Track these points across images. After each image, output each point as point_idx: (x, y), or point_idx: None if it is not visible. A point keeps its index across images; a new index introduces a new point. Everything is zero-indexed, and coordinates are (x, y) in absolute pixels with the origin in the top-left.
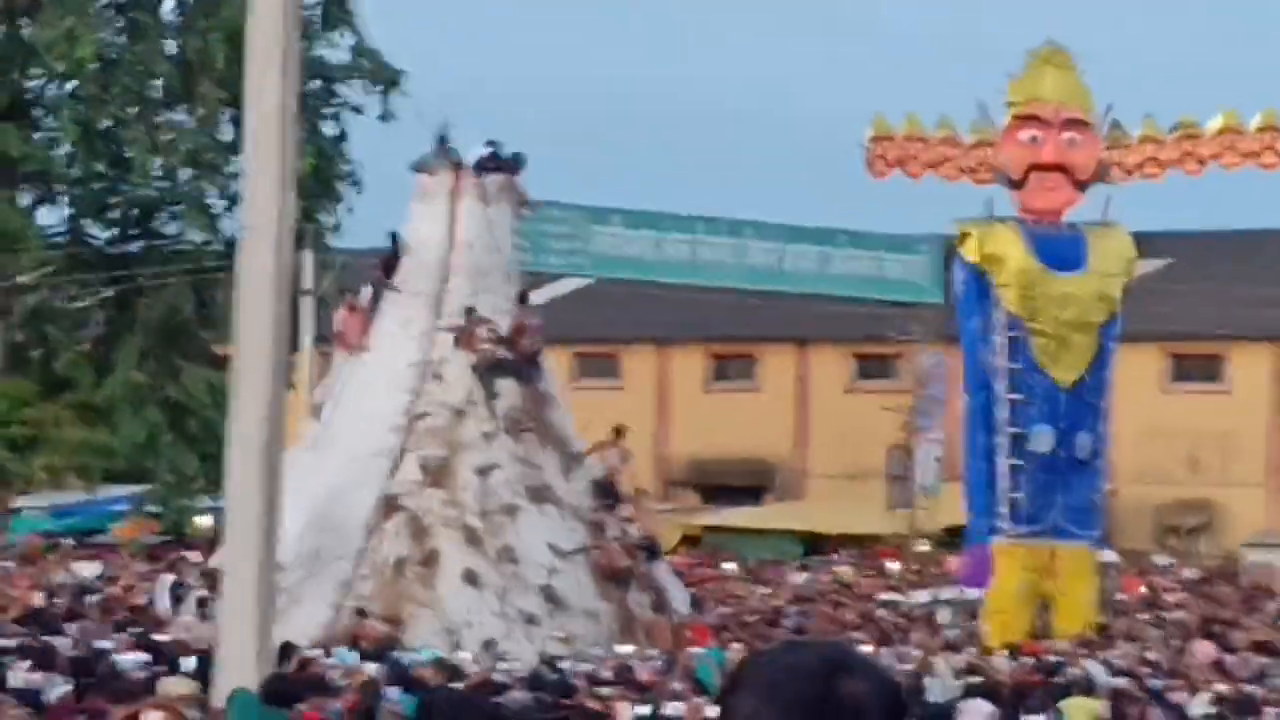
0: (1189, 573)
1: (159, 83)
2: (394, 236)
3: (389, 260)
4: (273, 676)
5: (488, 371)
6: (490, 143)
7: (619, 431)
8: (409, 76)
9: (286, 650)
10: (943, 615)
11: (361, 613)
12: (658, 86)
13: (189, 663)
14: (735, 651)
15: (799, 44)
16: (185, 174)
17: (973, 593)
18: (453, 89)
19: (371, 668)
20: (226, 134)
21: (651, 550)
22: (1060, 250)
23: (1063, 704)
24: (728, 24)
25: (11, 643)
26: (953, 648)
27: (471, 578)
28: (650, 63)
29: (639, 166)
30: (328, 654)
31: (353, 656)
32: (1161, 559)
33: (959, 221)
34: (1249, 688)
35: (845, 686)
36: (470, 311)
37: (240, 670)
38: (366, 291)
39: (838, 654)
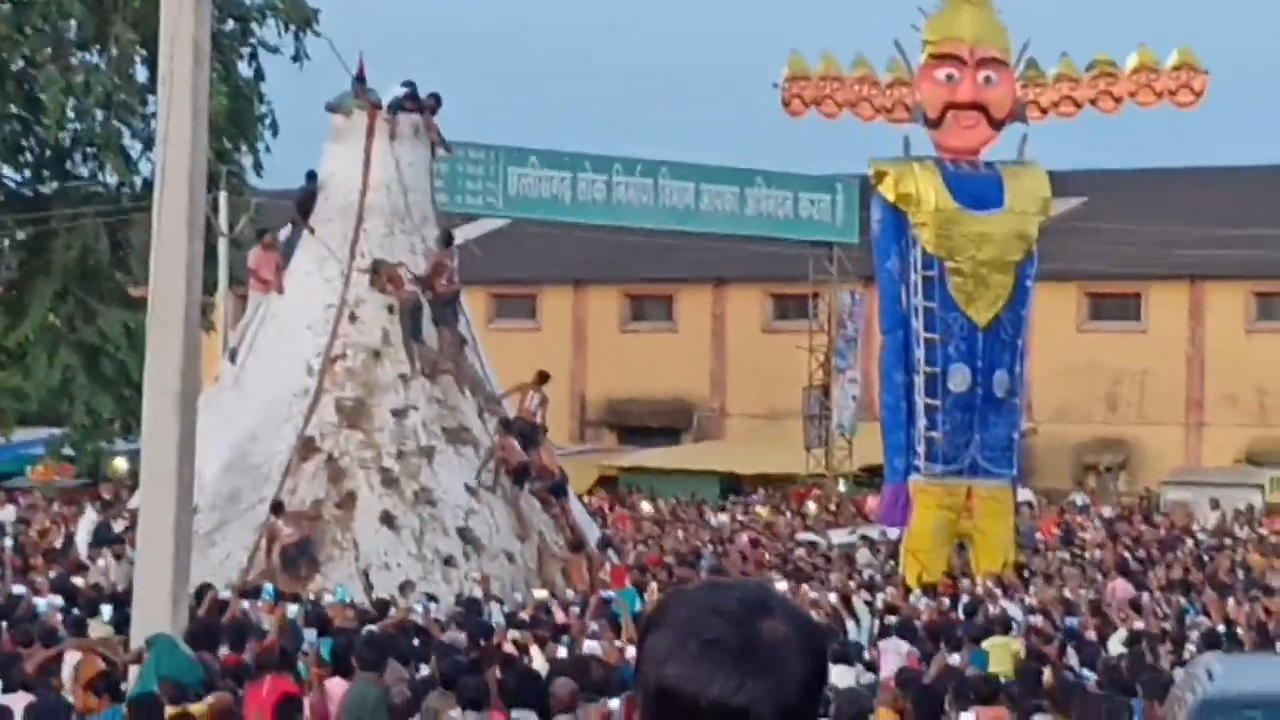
0: (1106, 511)
1: (72, 23)
2: (311, 175)
3: (305, 200)
4: (195, 620)
5: (409, 313)
6: (406, 83)
7: (542, 377)
8: (322, 15)
9: (202, 592)
10: (861, 555)
11: (277, 508)
12: (572, 27)
13: (107, 607)
14: (652, 593)
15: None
16: (99, 115)
17: (891, 532)
18: (369, 28)
19: (292, 609)
20: (141, 75)
21: (559, 488)
22: (977, 189)
23: (984, 644)
24: None
25: None
26: (871, 587)
27: (388, 519)
28: (565, 2)
29: (554, 108)
30: (243, 596)
31: (269, 593)
32: (1079, 498)
33: (875, 161)
34: (1166, 626)
35: (765, 627)
36: (377, 264)
37: (158, 613)
38: (284, 232)
39: (758, 594)
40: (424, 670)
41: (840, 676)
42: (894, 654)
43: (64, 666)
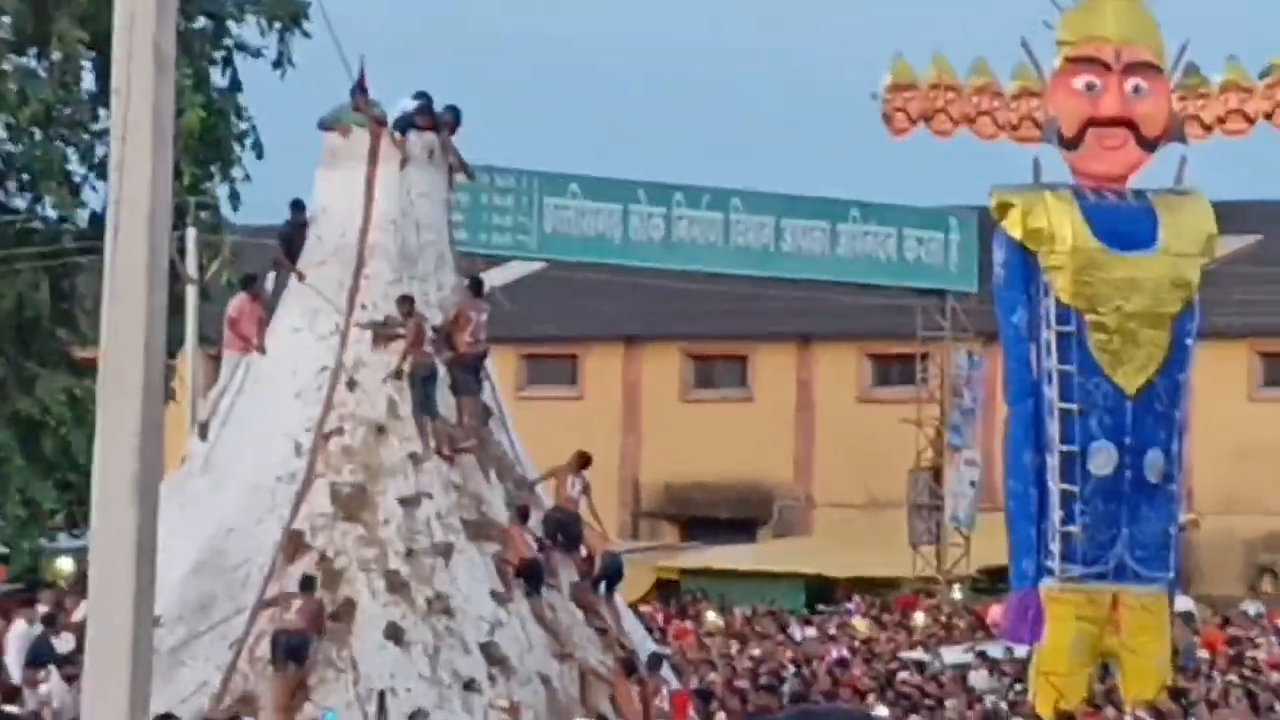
0: None
1: (6, 20)
2: (297, 206)
3: (291, 237)
4: None
5: (422, 380)
6: (419, 94)
7: (583, 459)
8: (313, 11)
9: None
10: (979, 678)
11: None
12: (623, 29)
13: None
14: None
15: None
16: (37, 134)
17: (1018, 649)
18: (372, 26)
19: None
20: (89, 84)
21: (609, 583)
22: (1124, 225)
23: None
24: None
25: None
26: (995, 717)
27: (396, 633)
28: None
29: (602, 125)
30: None
31: None
32: (1252, 606)
33: (998, 190)
34: None
35: None
36: (406, 301)
37: None
38: (268, 278)
39: None
40: None
41: None
42: None
43: None
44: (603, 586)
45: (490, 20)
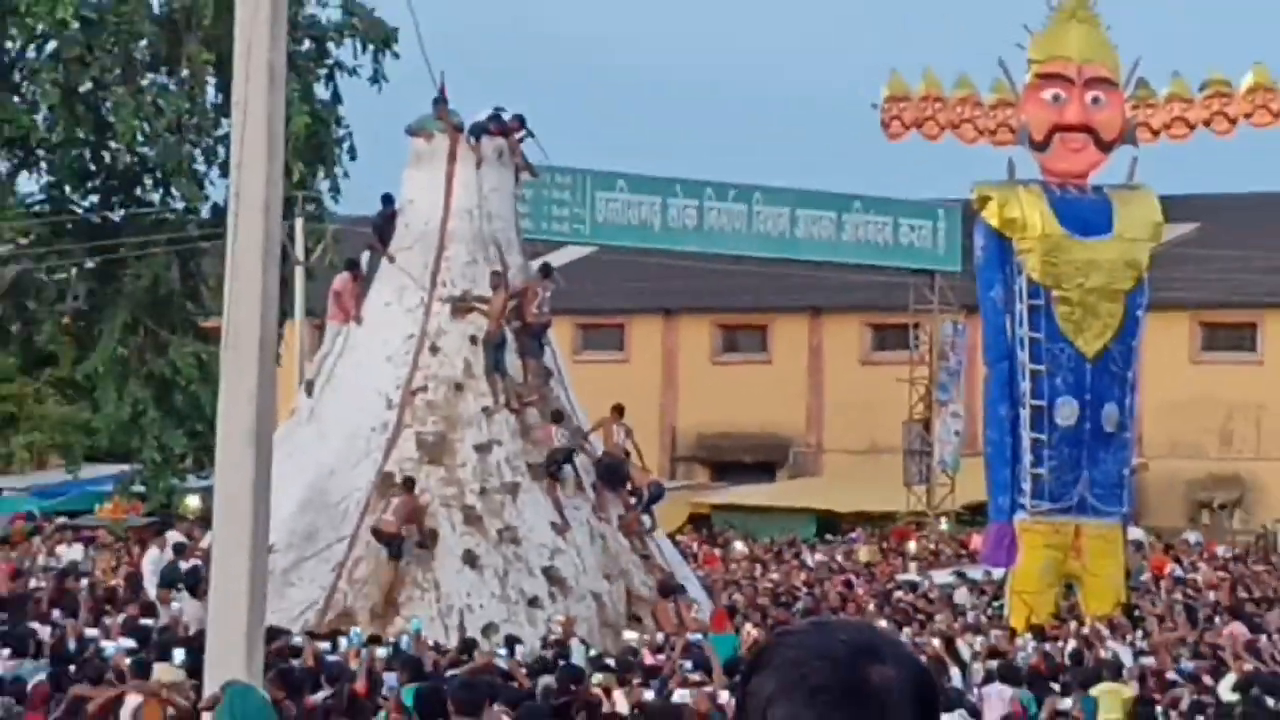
0: (1221, 550)
1: (143, 44)
2: (387, 199)
3: (383, 226)
4: (270, 666)
5: (495, 345)
6: (497, 109)
7: (619, 410)
8: (402, 34)
9: (273, 634)
10: (964, 596)
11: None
12: (664, 46)
13: (179, 650)
14: (746, 636)
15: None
16: (169, 139)
17: (996, 572)
18: (450, 46)
19: (380, 653)
20: (212, 97)
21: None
22: (1085, 214)
23: (1093, 690)
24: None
25: None
26: (975, 630)
27: (471, 559)
28: (655, 20)
29: (645, 130)
30: (319, 639)
31: (356, 638)
32: (1192, 536)
33: (979, 185)
34: None
35: (874, 673)
36: (498, 275)
37: (232, 657)
38: (363, 259)
39: (867, 638)
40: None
41: None
42: (997, 700)
43: (124, 711)
44: (652, 512)
45: (550, 38)
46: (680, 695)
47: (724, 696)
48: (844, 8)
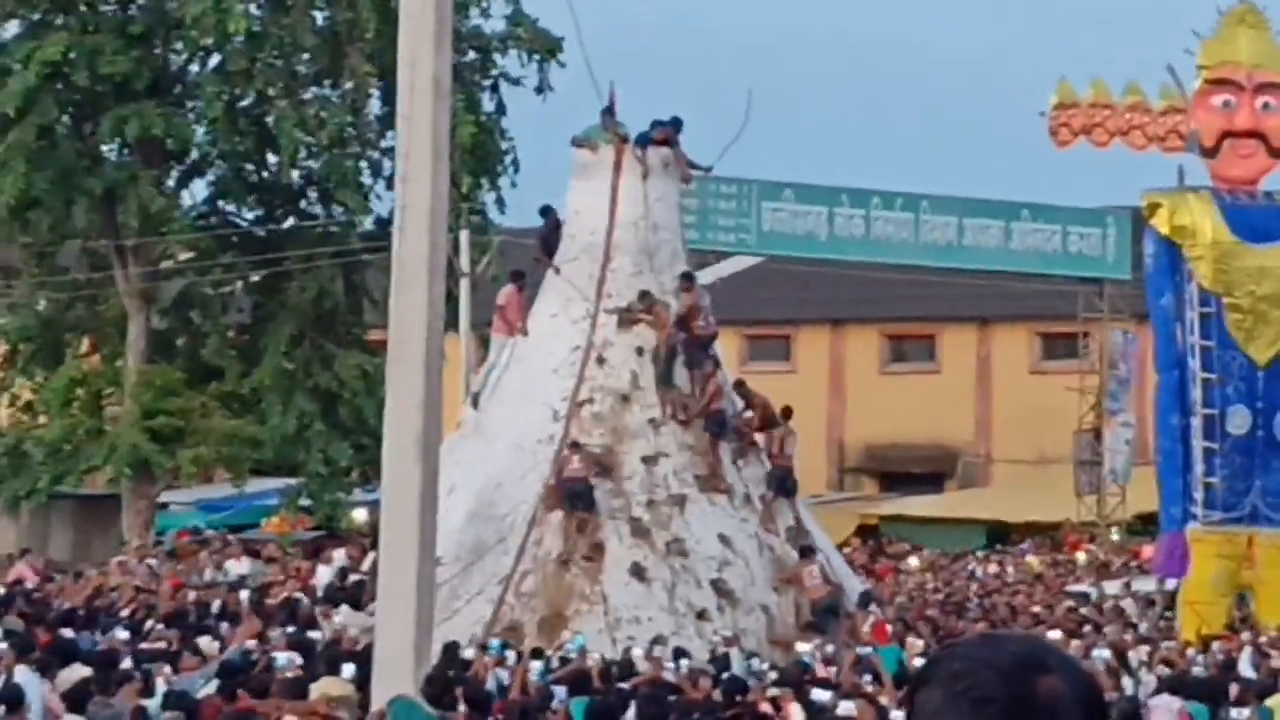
0: None
1: (306, 56)
2: (547, 211)
3: (548, 238)
4: (433, 678)
5: (666, 357)
6: (657, 122)
7: (786, 413)
8: (568, 44)
9: (451, 651)
10: (1135, 607)
11: (575, 445)
12: (830, 54)
13: (349, 665)
14: (911, 647)
15: (975, 6)
16: (333, 152)
17: (1168, 583)
18: (615, 58)
19: (535, 666)
20: (375, 109)
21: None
22: (1256, 221)
23: (1269, 701)
24: (914, 13)
25: (158, 644)
26: (1147, 641)
27: (639, 571)
28: (822, 26)
29: (810, 139)
30: (485, 650)
31: (509, 653)
32: None
33: (1148, 192)
34: None
35: (1042, 684)
36: (645, 295)
37: (399, 671)
38: (530, 272)
39: (1034, 649)
40: None
41: None
42: (1165, 711)
43: None
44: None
45: (715, 47)
46: (845, 707)
47: (895, 714)
48: (1011, 17)
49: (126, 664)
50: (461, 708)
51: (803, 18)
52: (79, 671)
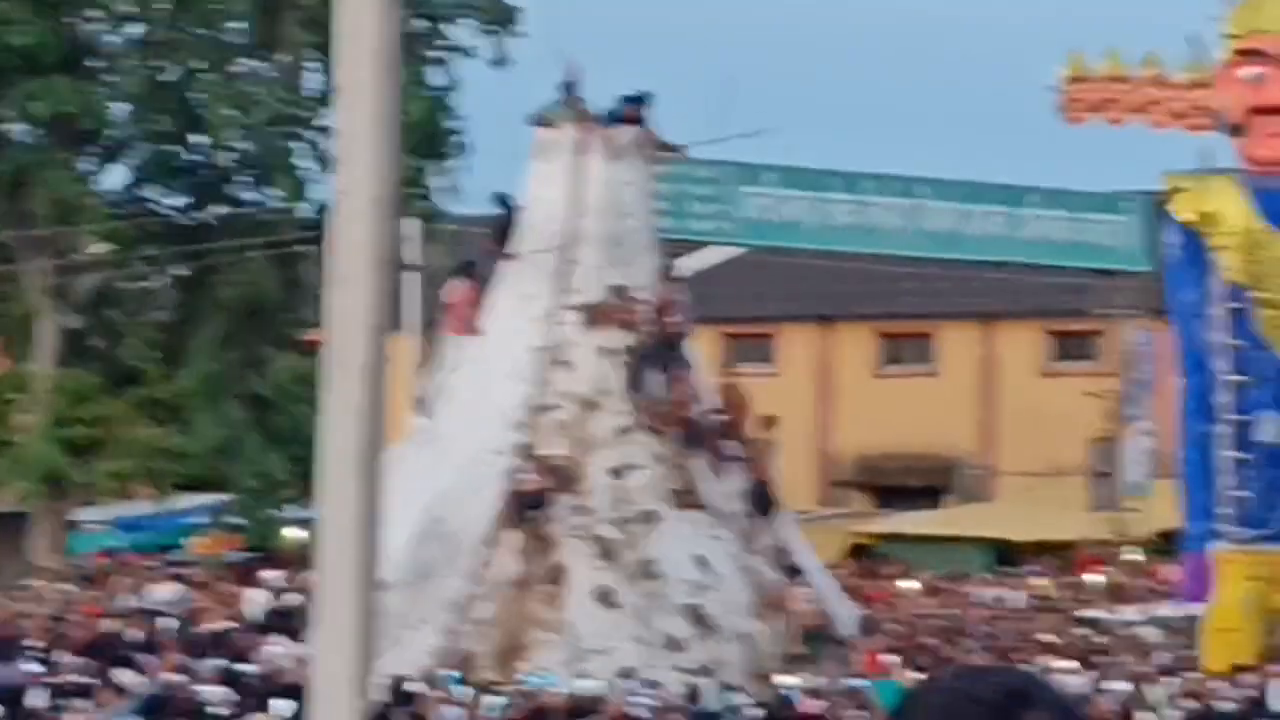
0: None
1: (236, 25)
2: (502, 200)
3: (501, 227)
4: (377, 716)
5: (642, 357)
6: (626, 98)
7: (768, 422)
8: (524, 13)
9: (399, 686)
10: (1155, 635)
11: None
12: (814, 23)
13: (282, 699)
14: (911, 680)
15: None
16: (266, 131)
17: (1192, 608)
18: (577, 27)
19: (491, 702)
20: (313, 84)
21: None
22: None
23: None
24: None
25: (71, 678)
26: (1168, 672)
27: (605, 596)
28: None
29: (796, 116)
30: (433, 686)
31: (462, 688)
32: None
33: (1169, 175)
34: None
35: (1027, 718)
36: (619, 290)
37: (337, 708)
38: (483, 264)
39: (1020, 683)
40: None
41: None
42: None
43: None
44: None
45: (686, 14)
46: None
47: None
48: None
49: (37, 700)
50: None
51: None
52: None
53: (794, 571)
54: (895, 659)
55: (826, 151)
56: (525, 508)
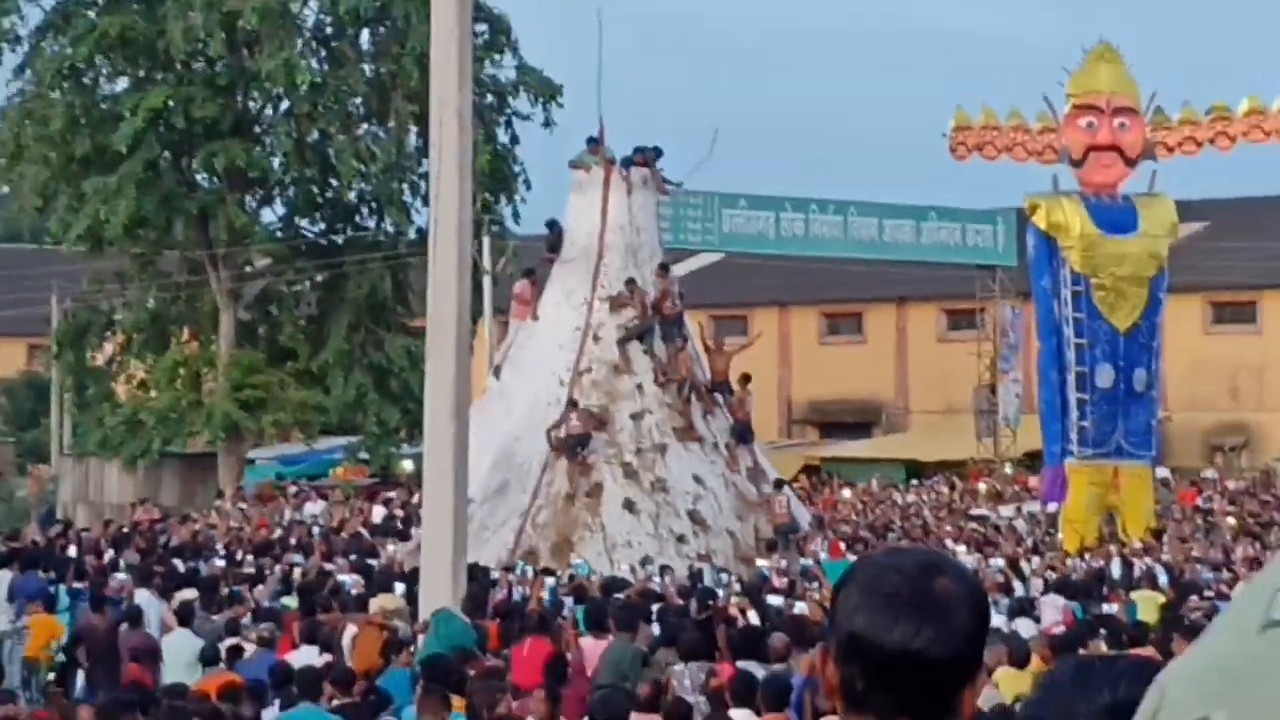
0: (1232, 485)
1: (358, 101)
2: (551, 222)
3: (553, 242)
4: (469, 595)
5: (643, 335)
6: (638, 148)
7: (745, 378)
8: (564, 89)
9: (474, 571)
10: (1024, 526)
11: (574, 404)
12: (778, 107)
13: (399, 583)
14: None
15: (893, 59)
16: (381, 177)
17: (1051, 506)
18: (609, 101)
19: (548, 582)
20: (414, 142)
21: (779, 482)
22: (1115, 218)
23: (1134, 595)
24: (841, 63)
25: (247, 570)
26: (1035, 552)
27: (629, 505)
28: (772, 86)
29: (761, 159)
30: (509, 571)
31: (528, 572)
32: (1209, 474)
33: (1029, 196)
34: None
35: (938, 584)
36: (629, 282)
37: (440, 589)
38: (539, 268)
39: (932, 557)
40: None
41: (1022, 627)
42: (1052, 607)
43: (344, 638)
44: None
45: (677, 94)
46: (800, 607)
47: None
48: (921, 64)
49: (223, 589)
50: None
51: (762, 83)
52: (187, 593)
53: (780, 483)
54: (842, 546)
55: (783, 181)
56: (573, 445)
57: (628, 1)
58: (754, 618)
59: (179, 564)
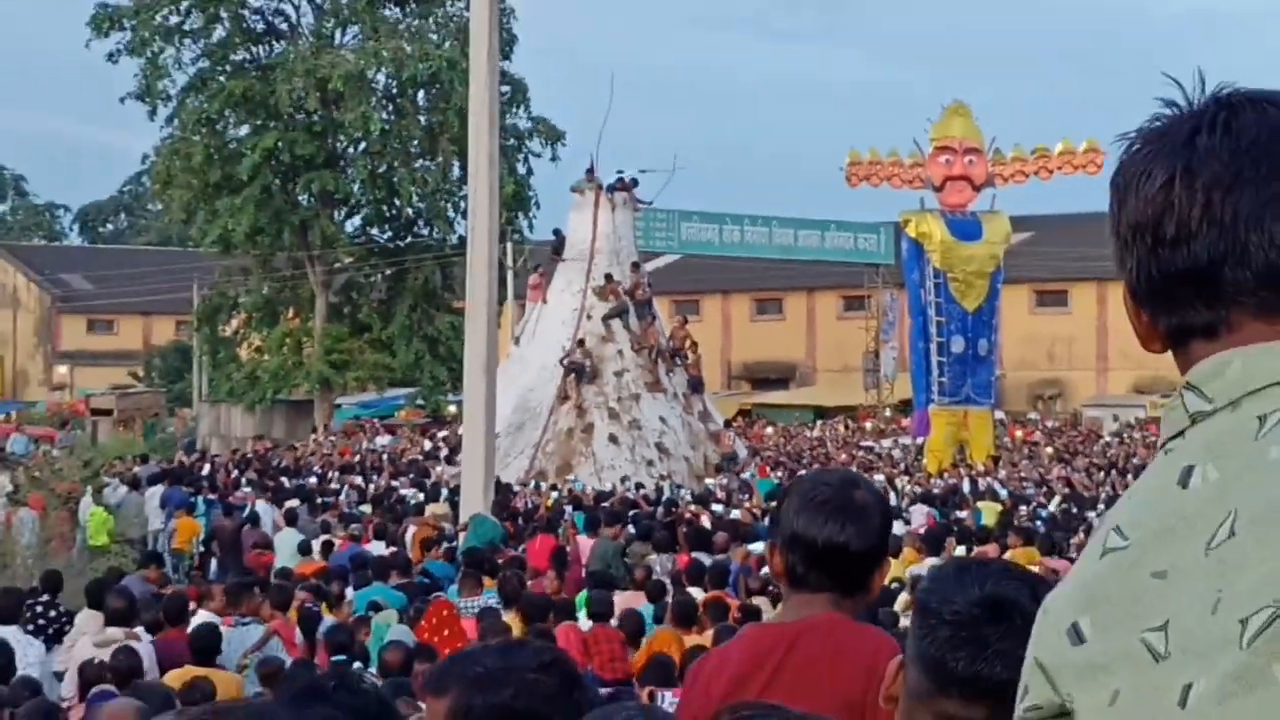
0: (1050, 424)
1: (415, 143)
2: (557, 232)
3: (558, 246)
4: (496, 503)
5: (621, 314)
6: (619, 172)
7: (695, 346)
8: (566, 134)
9: (500, 486)
10: (899, 454)
11: (580, 344)
12: (725, 144)
13: (444, 493)
14: (776, 479)
15: (806, 107)
16: (433, 198)
17: (918, 440)
18: (608, 139)
19: (553, 495)
20: (455, 174)
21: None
22: (966, 229)
23: (979, 504)
24: (768, 109)
25: (338, 486)
26: (906, 473)
27: (613, 439)
28: (721, 128)
29: (711, 183)
30: (525, 486)
31: (542, 487)
32: (1033, 416)
33: (904, 213)
34: (1088, 494)
35: (857, 494)
36: (608, 277)
37: (475, 499)
38: (547, 266)
39: (851, 476)
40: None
41: (895, 528)
42: (919, 513)
43: (407, 535)
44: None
45: (647, 133)
46: (736, 513)
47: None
48: (825, 112)
49: (316, 499)
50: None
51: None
52: (292, 502)
53: (729, 423)
54: (768, 469)
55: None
56: (575, 368)
57: (609, 55)
58: (705, 521)
59: (286, 480)
